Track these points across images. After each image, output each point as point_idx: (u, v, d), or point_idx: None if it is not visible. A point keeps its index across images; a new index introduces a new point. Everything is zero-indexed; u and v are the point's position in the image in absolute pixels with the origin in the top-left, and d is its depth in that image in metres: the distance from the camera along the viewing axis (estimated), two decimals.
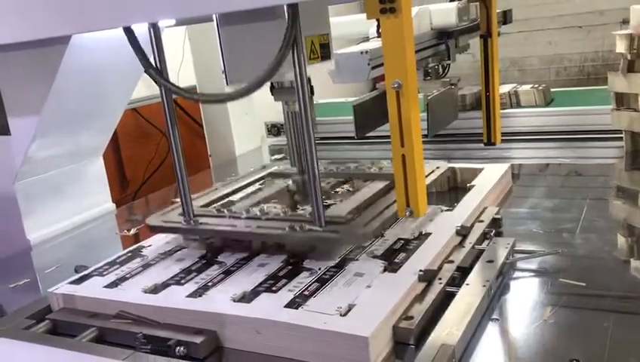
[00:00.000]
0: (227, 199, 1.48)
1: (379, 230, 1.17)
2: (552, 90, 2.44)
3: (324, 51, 1.17)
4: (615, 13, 3.91)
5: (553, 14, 4.11)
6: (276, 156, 2.45)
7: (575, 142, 2.10)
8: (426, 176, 1.32)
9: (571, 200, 1.60)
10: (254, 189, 1.56)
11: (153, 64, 1.20)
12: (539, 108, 2.28)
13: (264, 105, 2.57)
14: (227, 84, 1.17)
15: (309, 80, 1.11)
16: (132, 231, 1.72)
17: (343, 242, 1.12)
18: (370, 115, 1.42)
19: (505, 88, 2.35)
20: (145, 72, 1.19)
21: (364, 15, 1.00)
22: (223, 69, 1.17)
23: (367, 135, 1.58)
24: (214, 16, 1.18)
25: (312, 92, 1.13)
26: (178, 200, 1.34)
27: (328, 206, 1.31)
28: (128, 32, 1.16)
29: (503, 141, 1.67)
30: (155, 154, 3.02)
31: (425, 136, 1.12)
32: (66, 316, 1.15)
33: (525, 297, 1.11)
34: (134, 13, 1.08)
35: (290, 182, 1.56)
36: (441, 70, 1.64)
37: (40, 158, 1.63)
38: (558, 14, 4.10)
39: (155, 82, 1.21)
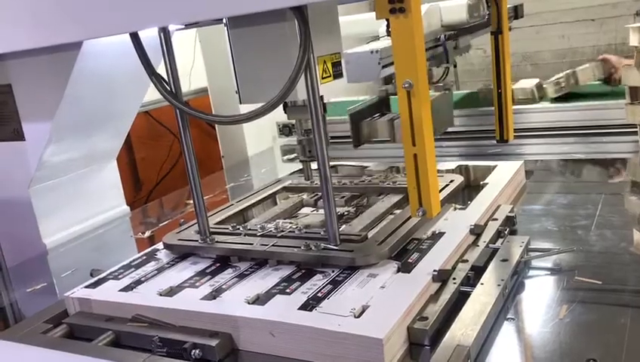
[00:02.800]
0: (242, 215, 1.51)
1: (394, 248, 1.17)
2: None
3: (335, 70, 1.19)
4: (628, 5, 3.86)
5: (565, 7, 4.07)
6: (288, 156, 2.45)
7: (589, 137, 2.08)
8: (440, 191, 1.32)
9: (586, 196, 1.59)
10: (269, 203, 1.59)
11: (167, 71, 1.22)
12: (552, 103, 2.26)
13: None
14: (240, 103, 1.19)
15: (321, 98, 1.12)
16: (147, 234, 1.74)
17: (357, 262, 1.13)
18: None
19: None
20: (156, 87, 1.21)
21: (374, 14, 1.00)
22: (236, 89, 1.19)
23: None
24: (226, 30, 1.18)
25: (324, 110, 1.14)
26: (191, 201, 1.35)
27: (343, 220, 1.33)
28: (135, 38, 1.17)
29: (516, 137, 1.66)
30: (168, 156, 3.04)
31: None
32: (82, 320, 1.16)
33: (541, 295, 1.10)
34: (144, 18, 1.09)
35: (304, 196, 1.59)
36: (441, 73, 1.59)
37: (54, 163, 1.64)
38: (571, 7, 4.06)
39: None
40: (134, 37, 1.17)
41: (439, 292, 1.06)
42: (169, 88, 1.21)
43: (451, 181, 1.50)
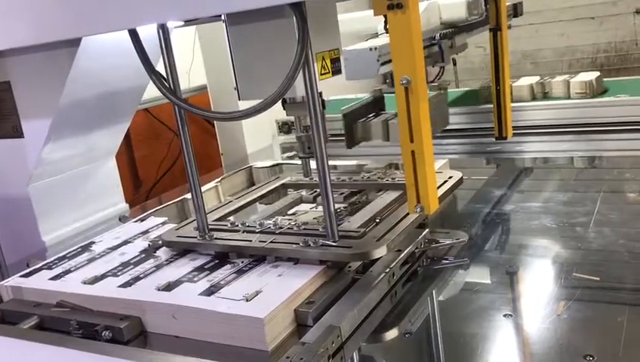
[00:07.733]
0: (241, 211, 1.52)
1: (392, 244, 1.17)
2: None
3: (334, 66, 1.19)
4: (628, 3, 3.86)
5: (565, 5, 4.07)
6: (288, 154, 2.45)
7: (588, 134, 2.07)
8: (438, 188, 1.32)
9: (585, 194, 1.59)
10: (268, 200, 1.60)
11: (166, 68, 1.22)
12: (551, 101, 2.25)
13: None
14: (239, 99, 1.19)
15: (320, 94, 1.12)
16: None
17: (355, 258, 1.15)
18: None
19: None
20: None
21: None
22: (235, 85, 1.19)
23: None
24: (224, 26, 1.18)
25: (323, 106, 1.14)
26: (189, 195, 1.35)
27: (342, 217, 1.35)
28: (134, 36, 1.17)
29: (515, 135, 1.66)
30: (167, 153, 3.04)
31: None
32: (13, 306, 1.22)
33: (539, 292, 1.10)
34: (143, 14, 1.09)
35: (303, 193, 1.59)
36: (437, 72, 1.58)
37: (53, 160, 1.64)
38: (570, 5, 4.05)
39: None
40: (133, 34, 1.17)
41: (333, 279, 1.12)
42: (168, 85, 1.21)
43: (450, 177, 1.50)
